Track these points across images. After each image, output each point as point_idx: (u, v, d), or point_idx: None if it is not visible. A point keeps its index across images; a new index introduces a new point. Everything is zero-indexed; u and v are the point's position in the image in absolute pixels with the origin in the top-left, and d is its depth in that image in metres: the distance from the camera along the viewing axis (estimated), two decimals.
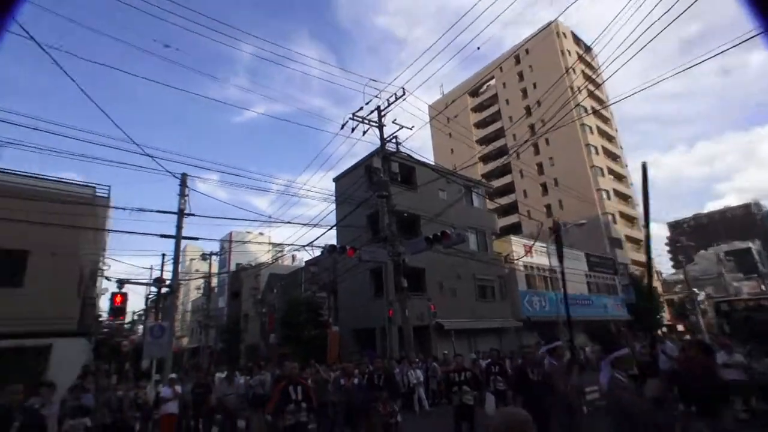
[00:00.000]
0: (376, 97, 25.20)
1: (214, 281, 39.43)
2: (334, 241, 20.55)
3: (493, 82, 58.42)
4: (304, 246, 14.51)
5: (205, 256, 31.73)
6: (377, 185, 14.99)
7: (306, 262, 29.87)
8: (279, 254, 30.44)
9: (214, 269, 39.58)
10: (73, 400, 8.52)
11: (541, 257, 27.33)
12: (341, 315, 21.93)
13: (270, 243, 36.25)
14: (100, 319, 22.91)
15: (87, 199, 12.85)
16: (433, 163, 28.29)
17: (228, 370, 12.56)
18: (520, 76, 55.01)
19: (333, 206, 20.29)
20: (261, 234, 37.55)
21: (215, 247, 41.16)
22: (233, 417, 10.26)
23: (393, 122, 15.54)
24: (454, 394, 7.28)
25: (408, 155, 17.66)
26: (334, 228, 19.06)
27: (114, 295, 12.83)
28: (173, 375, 10.81)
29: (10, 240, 11.29)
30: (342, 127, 14.70)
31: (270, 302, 31.07)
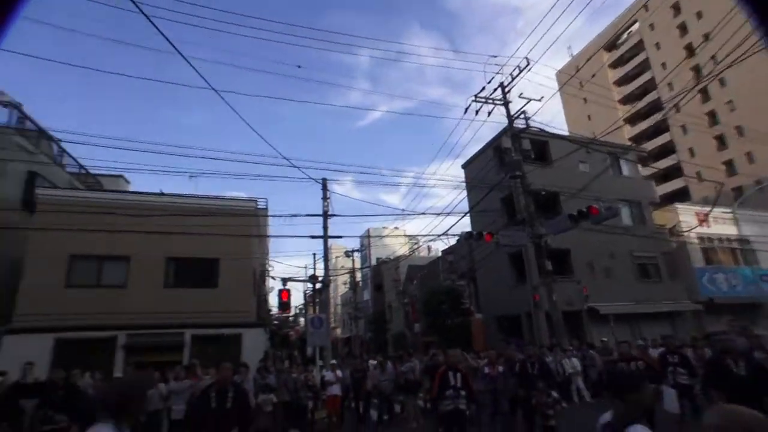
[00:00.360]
0: (497, 74, 23.84)
1: (358, 276, 42.66)
2: (468, 229, 20.23)
3: (635, 27, 49.89)
4: (439, 236, 14.68)
5: (348, 254, 34.55)
6: (509, 166, 14.20)
7: (442, 251, 30.13)
8: (415, 246, 31.33)
9: (357, 265, 42.86)
10: (260, 379, 10.13)
11: (724, 226, 22.48)
12: (482, 302, 21.49)
13: (406, 236, 37.58)
14: (271, 312, 26.83)
15: (251, 211, 15.24)
16: (568, 134, 25.60)
17: (380, 357, 13.43)
18: (676, 8, 45.42)
19: (464, 193, 19.97)
20: (396, 228, 39.26)
21: (356, 244, 44.49)
22: (389, 401, 10.92)
23: (519, 97, 14.50)
24: None
25: (539, 129, 16.31)
26: (468, 215, 18.74)
27: (280, 291, 15.01)
28: (334, 361, 12.01)
29: (206, 250, 14.15)
30: (465, 112, 14.31)
31: (411, 293, 32.24)
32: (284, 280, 15.16)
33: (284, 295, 15.03)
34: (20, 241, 13.22)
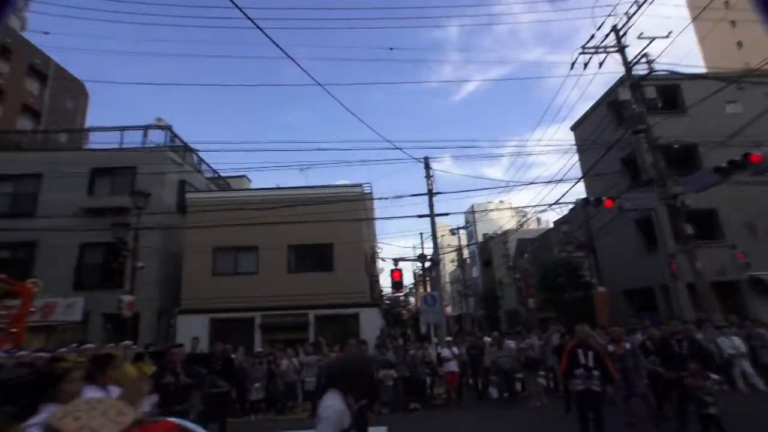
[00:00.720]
0: (609, 15, 20.99)
1: (465, 253, 42.14)
2: (583, 195, 18.44)
3: None
4: (549, 206, 13.68)
5: (453, 231, 34.24)
6: (630, 120, 12.47)
7: (555, 222, 28.14)
8: (523, 219, 29.77)
9: (464, 242, 42.31)
10: (380, 355, 10.70)
11: None
12: (605, 274, 19.60)
13: (512, 209, 35.92)
14: (382, 293, 28.08)
15: (359, 196, 16.02)
16: (709, 72, 21.44)
17: (496, 334, 13.17)
18: None
19: (575, 158, 18.21)
20: (501, 202, 37.69)
21: (461, 221, 43.86)
22: (509, 377, 10.67)
23: (638, 38, 12.53)
24: None
25: (668, 72, 13.96)
26: (581, 181, 17.08)
27: (392, 271, 15.63)
28: (449, 338, 12.10)
29: (321, 236, 15.33)
30: (572, 67, 12.91)
31: (522, 267, 30.85)
32: (395, 261, 15.75)
33: (396, 275, 15.60)
34: (179, 238, 15.94)
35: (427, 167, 13.52)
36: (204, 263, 15.61)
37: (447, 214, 24.42)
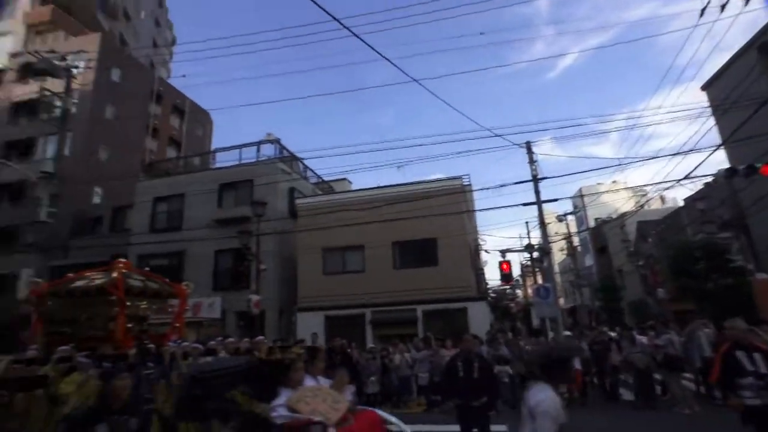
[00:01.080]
0: None
1: (575, 240, 38.85)
2: (722, 165, 15.66)
3: None
4: (677, 181, 11.73)
5: (560, 218, 31.80)
6: None
7: (686, 199, 24.43)
8: (643, 199, 26.39)
9: (573, 228, 39.01)
10: (492, 350, 10.37)
11: None
12: (763, 257, 16.40)
13: (628, 188, 32.09)
14: (487, 286, 27.22)
15: (459, 188, 15.78)
16: None
17: (618, 328, 11.91)
18: None
19: (708, 123, 15.54)
20: (614, 182, 33.85)
21: (568, 207, 40.50)
22: (645, 377, 9.53)
23: None
24: None
25: None
26: (721, 148, 14.51)
27: (501, 263, 15.07)
28: (568, 332, 11.25)
29: (423, 231, 15.46)
30: (702, 14, 10.96)
31: (646, 253, 27.39)
32: (503, 252, 15.12)
33: (505, 267, 15.02)
34: (292, 241, 17.40)
35: (530, 152, 12.70)
36: (315, 263, 16.79)
37: (555, 200, 22.50)
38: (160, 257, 18.31)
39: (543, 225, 13.33)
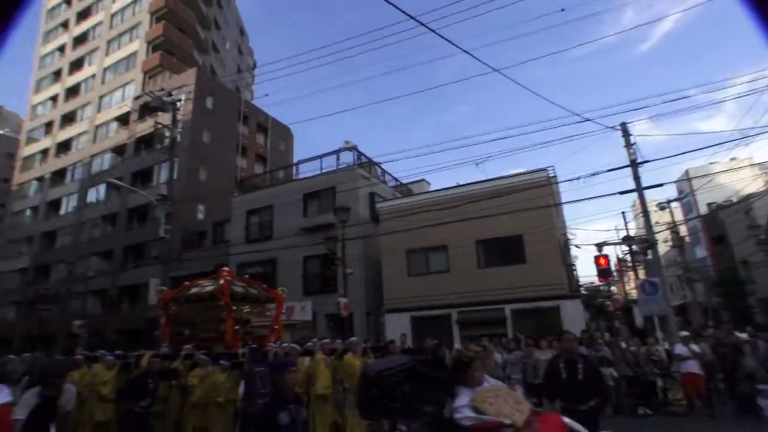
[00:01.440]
0: None
1: (683, 229, 34.59)
2: None
3: None
4: None
5: (662, 206, 28.58)
6: None
7: None
8: None
9: (678, 217, 34.81)
10: (593, 351, 9.63)
11: None
12: None
13: (754, 165, 27.72)
14: (579, 283, 25.25)
15: (544, 181, 14.97)
16: None
17: (750, 329, 10.33)
18: None
19: None
20: (733, 159, 29.43)
21: (670, 193, 36.20)
22: None
23: None
24: None
25: None
26: None
27: (597, 258, 13.92)
28: (685, 332, 10.06)
29: (508, 228, 14.96)
30: None
31: None
32: (598, 246, 13.92)
33: (603, 261, 13.84)
34: (375, 244, 17.86)
35: (626, 134, 11.53)
36: (399, 265, 17.02)
37: (659, 185, 18.51)
38: (255, 265, 19.91)
39: (646, 213, 12.04)
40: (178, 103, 17.34)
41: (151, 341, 14.62)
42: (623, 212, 17.39)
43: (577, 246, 19.12)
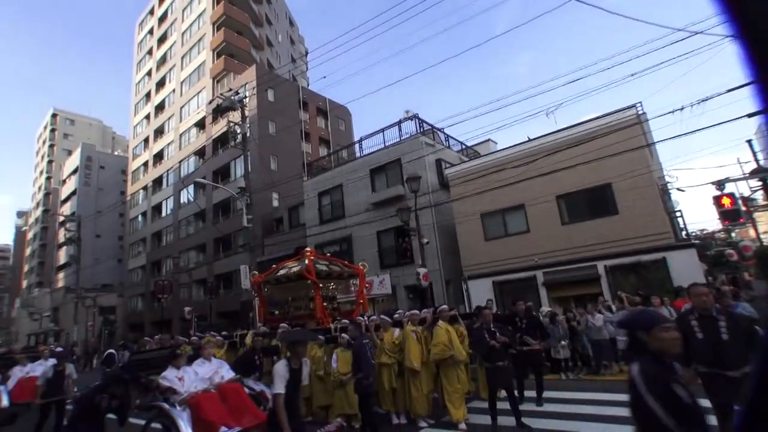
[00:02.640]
0: None
1: None
2: None
3: None
4: None
5: None
6: None
7: None
8: None
9: None
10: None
11: None
12: None
13: None
14: (684, 231, 22.38)
15: (633, 120, 13.27)
16: None
17: None
18: None
19: None
20: None
21: None
22: None
23: None
24: None
25: None
26: None
27: (718, 198, 11.85)
28: None
29: (592, 178, 13.63)
30: None
31: None
32: (718, 183, 11.76)
33: (727, 202, 11.60)
34: (448, 211, 17.39)
35: None
36: (475, 230, 16.41)
37: None
38: (331, 244, 20.50)
39: None
40: (244, 100, 18.03)
41: (246, 322, 15.80)
42: (748, 140, 14.32)
43: (679, 189, 16.88)
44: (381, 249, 19.21)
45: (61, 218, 39.46)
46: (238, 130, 17.85)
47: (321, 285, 9.78)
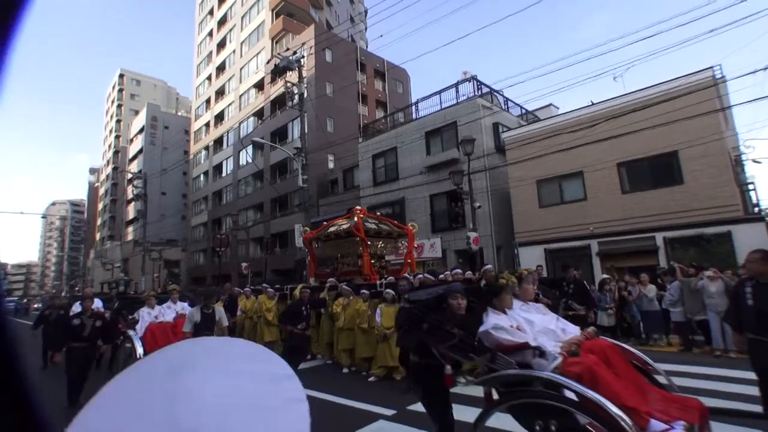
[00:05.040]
0: None
1: None
2: None
3: None
4: None
5: None
6: None
7: None
8: None
9: None
10: None
11: None
12: None
13: None
14: (758, 205, 20.31)
15: (708, 82, 12.10)
16: None
17: None
18: None
19: None
20: None
21: None
22: None
23: None
24: None
25: None
26: None
27: None
28: None
29: (658, 145, 12.86)
30: None
31: None
32: None
33: None
34: (503, 176, 17.13)
35: None
36: (530, 197, 16.14)
37: None
38: (384, 206, 21.02)
39: None
40: (302, 60, 18.39)
41: (300, 279, 16.96)
42: None
43: (756, 161, 15.37)
44: (433, 212, 19.45)
45: (129, 175, 42.73)
46: (296, 91, 18.35)
47: (369, 243, 10.28)
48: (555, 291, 7.74)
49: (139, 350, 6.48)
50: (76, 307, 7.71)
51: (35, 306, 32.20)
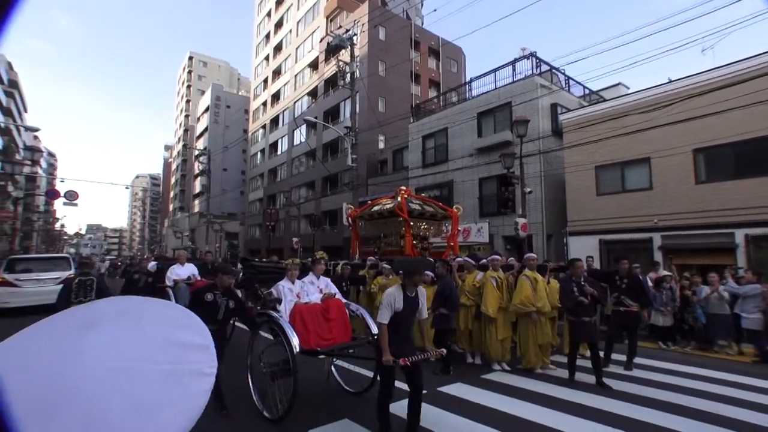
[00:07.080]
0: None
1: None
2: None
3: None
4: None
5: None
6: None
7: None
8: None
9: None
10: None
11: None
12: None
13: None
14: None
15: None
16: None
17: None
18: None
19: None
20: None
21: None
22: None
23: None
24: None
25: None
26: None
27: None
28: None
29: (747, 127, 11.24)
30: None
31: None
32: None
33: None
34: (559, 161, 16.11)
35: None
36: (587, 183, 15.03)
37: None
38: (432, 188, 20.64)
39: None
40: (355, 38, 18.20)
41: (347, 256, 17.20)
42: None
43: None
44: (482, 196, 18.83)
45: (196, 152, 45.64)
46: (347, 70, 18.26)
47: (412, 223, 10.12)
48: (603, 284, 7.16)
49: (294, 341, 4.32)
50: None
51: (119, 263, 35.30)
